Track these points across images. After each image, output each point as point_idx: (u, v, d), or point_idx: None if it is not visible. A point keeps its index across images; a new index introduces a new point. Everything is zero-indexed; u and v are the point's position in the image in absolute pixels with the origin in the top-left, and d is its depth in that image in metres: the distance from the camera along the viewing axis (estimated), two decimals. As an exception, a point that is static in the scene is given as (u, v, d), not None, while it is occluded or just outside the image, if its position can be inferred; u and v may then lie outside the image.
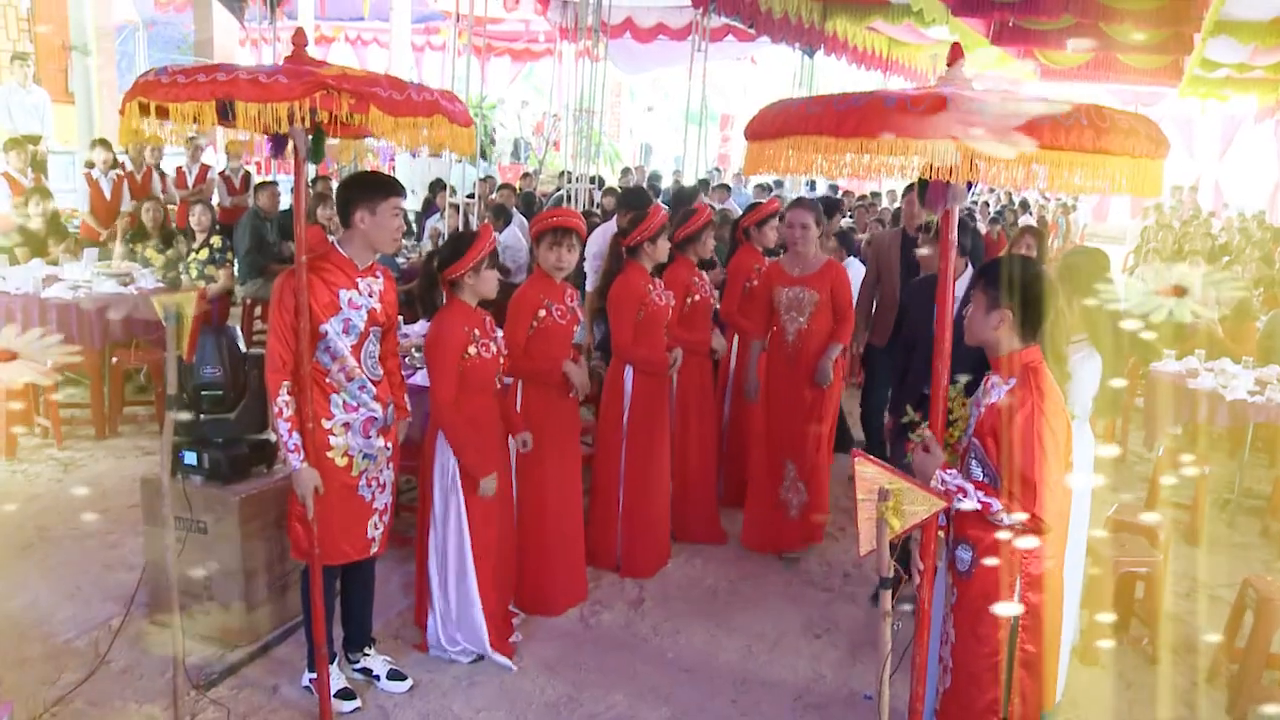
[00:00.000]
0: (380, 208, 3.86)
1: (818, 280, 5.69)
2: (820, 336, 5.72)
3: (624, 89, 28.21)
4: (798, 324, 5.71)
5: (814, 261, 5.73)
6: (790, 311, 5.73)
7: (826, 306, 5.71)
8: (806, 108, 2.85)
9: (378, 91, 3.29)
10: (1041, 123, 2.54)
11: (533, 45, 22.19)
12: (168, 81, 3.21)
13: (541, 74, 22.30)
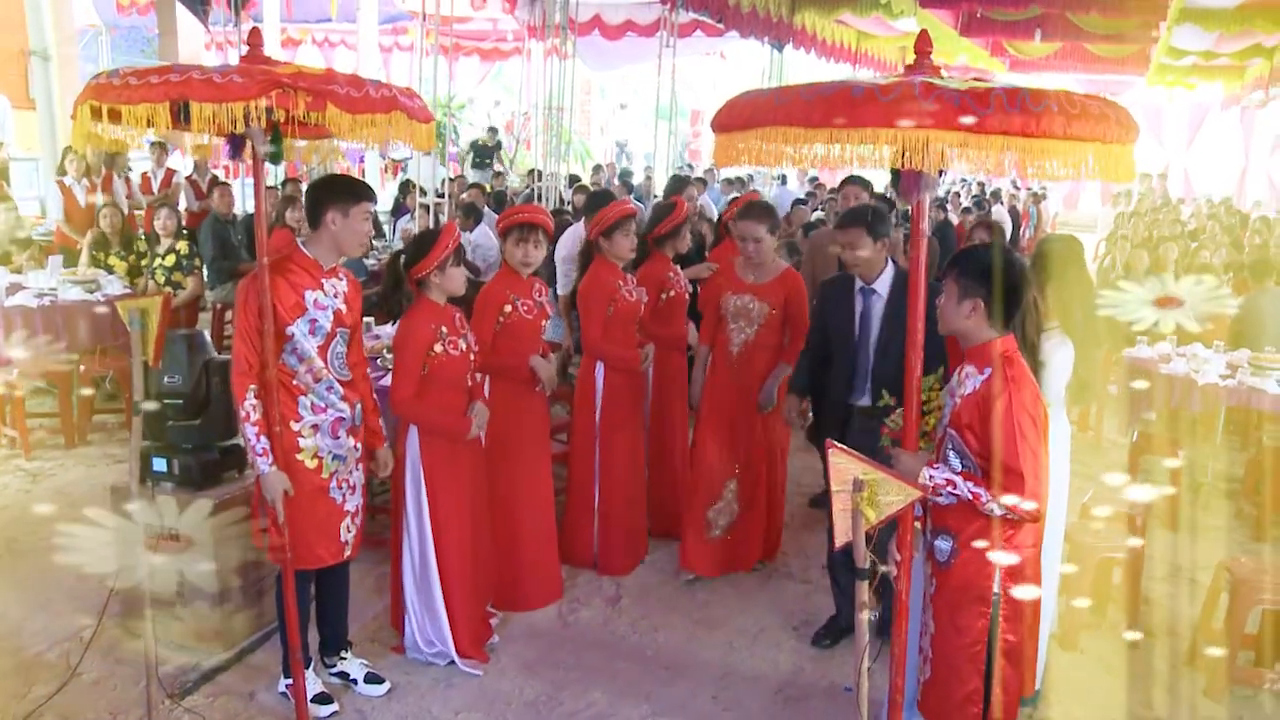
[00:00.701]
0: (353, 211, 3.84)
1: (771, 291, 5.25)
2: (768, 353, 5.32)
3: (594, 86, 28.19)
4: (744, 336, 5.30)
5: (770, 269, 5.30)
6: (737, 321, 5.30)
7: (778, 320, 5.27)
8: (774, 98, 2.84)
9: (334, 89, 3.26)
10: (1012, 110, 2.55)
11: (501, 44, 22.12)
12: (119, 83, 3.17)
13: (511, 73, 22.24)
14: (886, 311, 4.44)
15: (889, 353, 4.35)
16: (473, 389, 4.47)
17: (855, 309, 4.52)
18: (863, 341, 4.49)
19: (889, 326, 4.42)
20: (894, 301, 4.39)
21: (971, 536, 3.13)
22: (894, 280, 4.46)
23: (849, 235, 4.42)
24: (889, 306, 4.43)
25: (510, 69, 22.32)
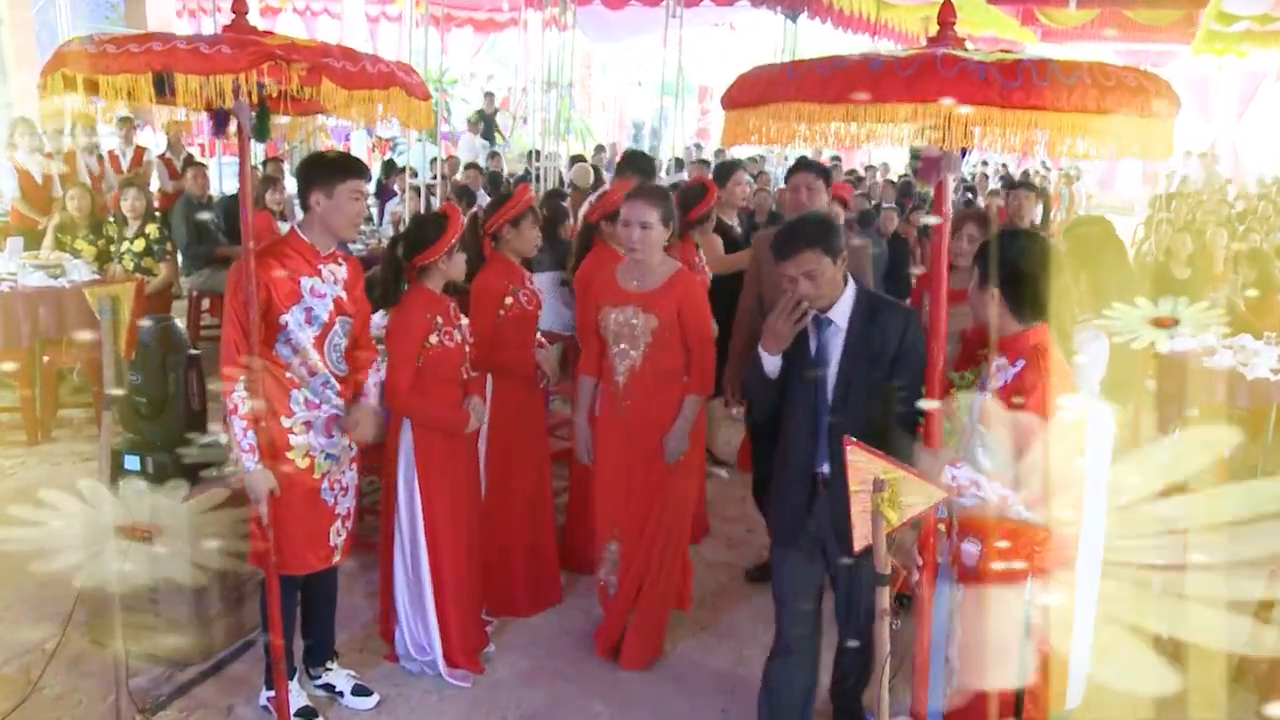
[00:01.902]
0: (337, 190, 3.83)
1: (659, 300, 4.40)
2: (663, 381, 4.46)
3: (595, 60, 28.14)
4: (629, 361, 4.45)
5: (659, 272, 4.46)
6: (620, 343, 4.46)
7: (672, 338, 4.42)
8: (788, 72, 2.85)
9: (330, 63, 3.25)
10: (1041, 83, 2.54)
11: (496, 15, 22.08)
12: (95, 51, 3.15)
13: (506, 46, 22.19)
14: (847, 348, 3.60)
15: (849, 402, 3.57)
16: (468, 384, 4.48)
17: (809, 345, 3.67)
18: (819, 388, 3.65)
19: (850, 367, 3.59)
20: (856, 334, 3.59)
21: (1001, 540, 3.13)
22: (855, 306, 3.62)
23: (802, 262, 3.48)
24: (850, 341, 3.60)
25: (506, 41, 22.28)
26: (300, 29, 21.46)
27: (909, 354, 3.53)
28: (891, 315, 3.59)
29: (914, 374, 3.44)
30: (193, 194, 9.71)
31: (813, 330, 3.66)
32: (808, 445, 3.68)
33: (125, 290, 3.84)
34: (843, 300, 3.61)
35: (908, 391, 3.42)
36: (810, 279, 3.49)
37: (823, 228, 3.55)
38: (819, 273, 3.48)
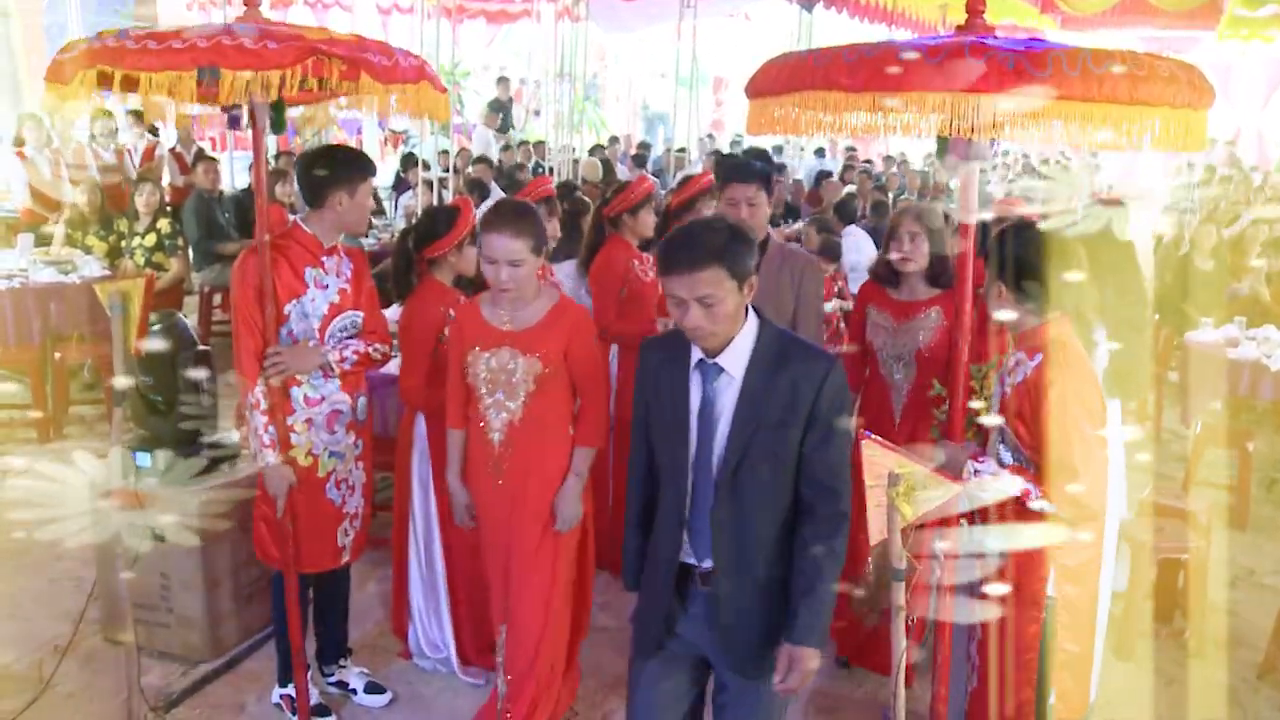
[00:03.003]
0: (360, 189, 3.86)
1: (540, 338, 3.69)
2: (548, 434, 3.78)
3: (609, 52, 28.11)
4: (506, 414, 3.73)
5: (535, 306, 3.71)
6: (494, 393, 3.73)
7: (558, 383, 3.76)
8: (813, 60, 2.83)
9: (369, 57, 3.30)
10: (1072, 72, 2.52)
11: (509, 6, 22.08)
12: (136, 48, 3.11)
13: (520, 37, 22.17)
14: (742, 405, 2.74)
15: (741, 481, 2.75)
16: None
17: (690, 398, 2.81)
18: (701, 457, 2.80)
19: (745, 432, 2.74)
20: (756, 386, 2.74)
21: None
22: (757, 348, 2.77)
23: (698, 284, 2.64)
24: (747, 396, 2.74)
25: (519, 33, 22.26)
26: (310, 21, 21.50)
27: (828, 416, 2.71)
28: (806, 362, 2.73)
29: (835, 448, 2.73)
30: (204, 188, 9.72)
31: (696, 379, 2.80)
32: (678, 532, 2.85)
33: (135, 286, 3.84)
34: (740, 340, 2.76)
35: (824, 471, 2.73)
36: (706, 306, 2.66)
37: (734, 239, 2.69)
38: (718, 299, 2.65)
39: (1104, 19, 19.48)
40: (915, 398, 4.29)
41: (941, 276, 4.26)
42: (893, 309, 4.34)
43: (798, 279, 4.39)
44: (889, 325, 4.34)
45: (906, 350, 4.29)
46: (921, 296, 4.30)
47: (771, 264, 4.29)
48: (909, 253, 4.23)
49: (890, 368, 4.35)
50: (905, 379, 4.32)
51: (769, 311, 4.04)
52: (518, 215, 3.60)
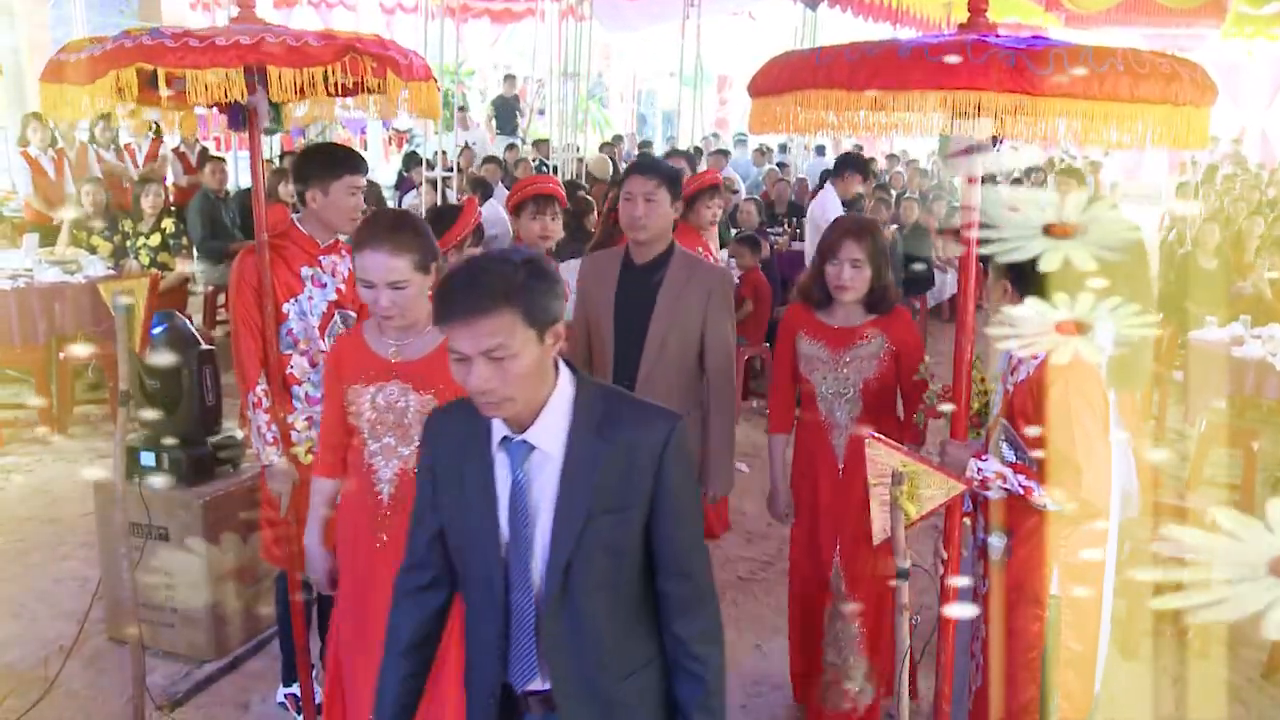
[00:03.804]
0: (333, 187, 3.80)
1: (431, 370, 3.10)
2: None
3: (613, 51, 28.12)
4: (398, 461, 3.20)
5: (429, 334, 3.10)
6: (383, 436, 3.19)
7: None
8: (816, 59, 2.83)
9: (394, 56, 3.33)
10: (1074, 69, 2.52)
11: (513, 5, 22.09)
12: (176, 46, 3.08)
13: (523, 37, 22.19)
14: (565, 488, 2.14)
15: (573, 579, 2.15)
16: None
17: (496, 488, 2.20)
18: (519, 560, 2.19)
19: (571, 520, 2.13)
20: (579, 463, 2.14)
21: (1027, 533, 3.11)
22: (576, 412, 2.17)
23: (481, 334, 2.01)
24: (570, 476, 2.14)
25: (523, 32, 22.29)
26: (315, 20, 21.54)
27: (677, 489, 2.18)
28: (642, 426, 2.18)
29: (689, 524, 2.23)
30: (210, 189, 9.74)
31: (503, 462, 2.18)
32: (497, 652, 2.24)
33: (140, 286, 3.85)
34: (553, 406, 2.14)
35: (681, 555, 2.23)
36: (494, 361, 2.01)
37: (532, 275, 2.05)
38: (510, 352, 2.01)
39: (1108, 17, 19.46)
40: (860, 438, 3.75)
41: (881, 304, 3.81)
42: (828, 337, 3.83)
43: (705, 297, 3.94)
44: (825, 356, 3.82)
45: (849, 384, 3.81)
46: (858, 321, 3.81)
47: (675, 279, 3.95)
48: (849, 281, 3.73)
49: (830, 405, 3.84)
50: (849, 417, 3.82)
51: (673, 337, 3.96)
52: (395, 228, 2.99)
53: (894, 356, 3.79)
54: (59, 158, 10.25)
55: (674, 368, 3.97)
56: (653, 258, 4.00)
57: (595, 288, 4.11)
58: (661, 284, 3.96)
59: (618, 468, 2.15)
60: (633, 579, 2.23)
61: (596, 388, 2.25)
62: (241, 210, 9.74)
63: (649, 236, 3.94)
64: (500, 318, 2.00)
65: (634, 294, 4.00)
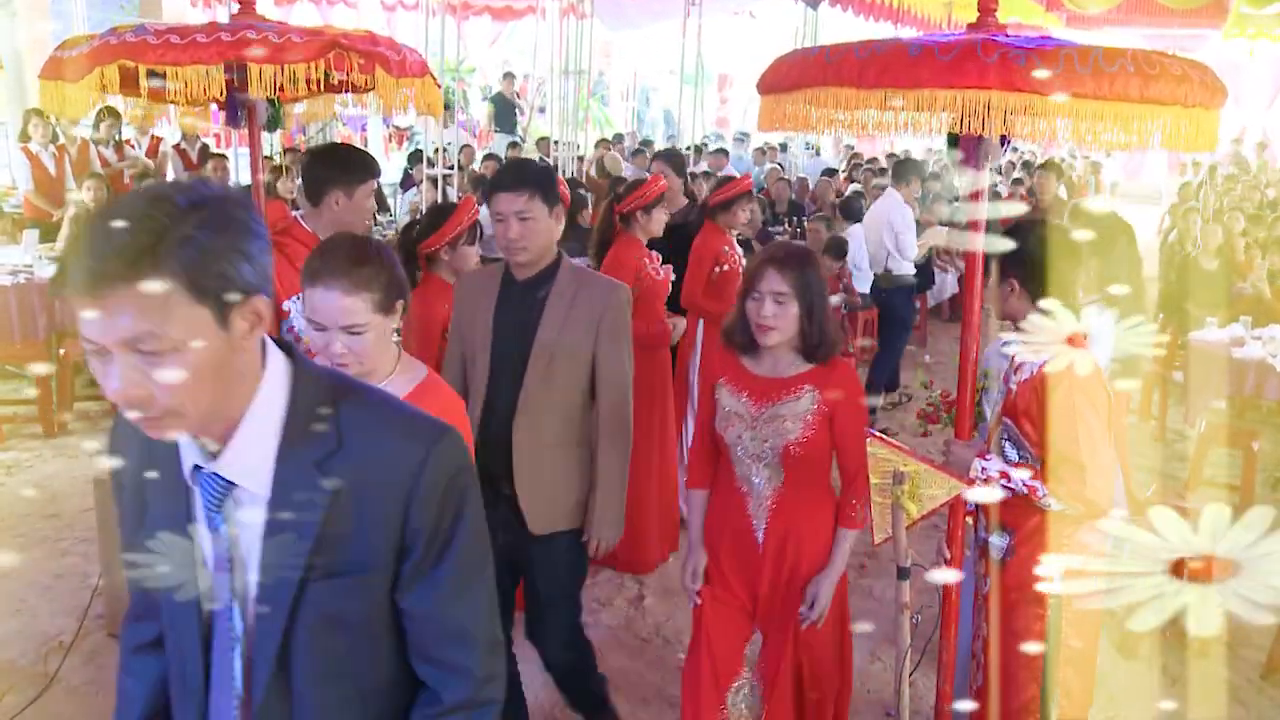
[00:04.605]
0: (358, 192, 3.86)
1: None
2: None
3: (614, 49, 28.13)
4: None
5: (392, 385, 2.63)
6: None
7: None
8: (825, 56, 2.83)
9: (383, 51, 3.34)
10: (1083, 70, 2.52)
11: (514, 3, 22.09)
12: (158, 43, 3.10)
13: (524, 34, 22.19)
14: (273, 537, 1.58)
15: (293, 658, 1.62)
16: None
17: (194, 533, 1.63)
18: (224, 629, 1.64)
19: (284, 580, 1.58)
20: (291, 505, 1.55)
21: (1030, 533, 3.11)
22: (288, 432, 1.57)
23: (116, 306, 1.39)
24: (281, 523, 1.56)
25: (524, 29, 22.29)
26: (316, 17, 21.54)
27: (442, 534, 1.61)
28: (383, 445, 1.58)
29: (460, 584, 1.65)
30: (211, 184, 9.71)
31: (202, 501, 1.57)
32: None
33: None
34: (254, 420, 1.54)
35: (449, 631, 1.66)
36: (145, 359, 1.40)
37: (200, 221, 1.40)
38: (173, 343, 1.40)
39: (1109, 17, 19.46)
40: (783, 507, 3.28)
41: (819, 349, 3.21)
42: (751, 388, 3.27)
43: (598, 316, 3.44)
44: (745, 412, 3.26)
45: (769, 447, 3.23)
46: (789, 372, 3.24)
47: (562, 296, 3.44)
48: (772, 319, 3.15)
49: (747, 469, 3.30)
50: (767, 484, 3.29)
51: (559, 361, 3.40)
52: (353, 261, 2.48)
53: (826, 419, 3.19)
54: (60, 154, 10.24)
55: (559, 397, 3.44)
56: (536, 273, 3.46)
57: (471, 308, 3.55)
58: (546, 301, 3.43)
59: (349, 509, 1.53)
60: (381, 660, 1.66)
61: (328, 387, 1.59)
62: (242, 207, 9.71)
63: (530, 258, 3.40)
64: (146, 290, 1.34)
65: (515, 313, 3.46)
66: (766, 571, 3.32)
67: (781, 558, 3.30)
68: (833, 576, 3.28)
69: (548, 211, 3.36)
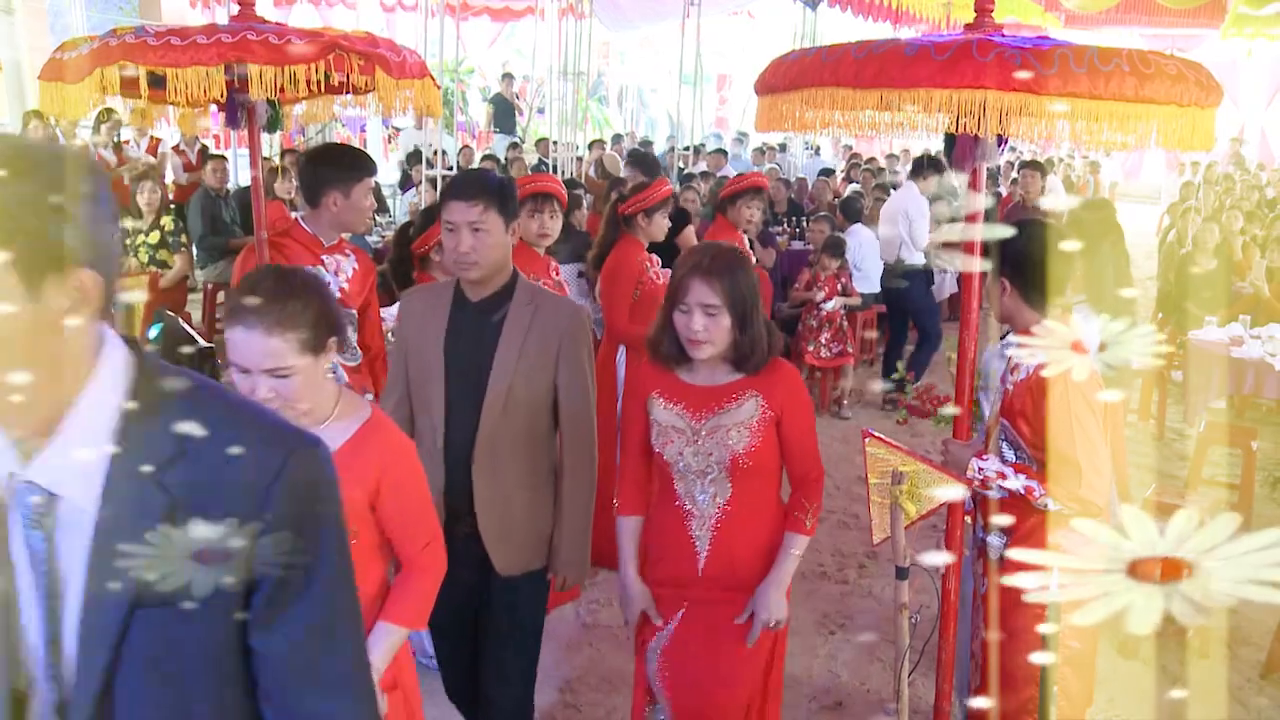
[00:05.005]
0: (355, 190, 3.88)
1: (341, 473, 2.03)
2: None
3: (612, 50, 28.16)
4: None
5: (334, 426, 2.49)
6: None
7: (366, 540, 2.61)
8: (822, 57, 2.84)
9: (383, 53, 3.35)
10: (1079, 69, 2.52)
11: (512, 3, 22.11)
12: (158, 44, 3.11)
13: (523, 35, 22.21)
14: (100, 556, 1.29)
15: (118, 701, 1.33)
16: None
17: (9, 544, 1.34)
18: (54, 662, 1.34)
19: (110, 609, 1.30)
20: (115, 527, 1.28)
21: (1027, 533, 3.11)
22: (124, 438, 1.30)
23: None
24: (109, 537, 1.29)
25: (523, 30, 22.31)
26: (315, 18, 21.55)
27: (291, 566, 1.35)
28: (231, 453, 1.33)
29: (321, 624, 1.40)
30: (211, 187, 9.73)
31: (16, 516, 1.32)
32: None
33: (139, 284, 3.86)
34: (80, 419, 1.30)
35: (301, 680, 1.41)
36: None
37: None
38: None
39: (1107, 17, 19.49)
40: (729, 524, 3.02)
41: (750, 358, 2.95)
42: (688, 399, 3.01)
43: (558, 338, 3.18)
44: (684, 425, 3.00)
45: (714, 461, 2.97)
46: (728, 378, 3.00)
47: (520, 318, 3.16)
48: (702, 333, 2.88)
49: (691, 486, 3.03)
50: (713, 502, 3.02)
51: (519, 389, 3.10)
52: (276, 297, 2.25)
53: (772, 424, 2.99)
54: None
55: (522, 428, 3.17)
56: (490, 293, 3.18)
57: (418, 332, 3.23)
58: (503, 324, 3.15)
59: (186, 523, 1.29)
60: (229, 711, 1.40)
61: (175, 389, 1.35)
62: (242, 208, 9.73)
63: (482, 274, 3.12)
64: None
65: (469, 338, 3.17)
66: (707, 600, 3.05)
67: (725, 580, 3.03)
68: (778, 584, 3.01)
69: (504, 226, 3.10)
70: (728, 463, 2.95)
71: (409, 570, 2.62)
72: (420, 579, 2.62)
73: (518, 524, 3.22)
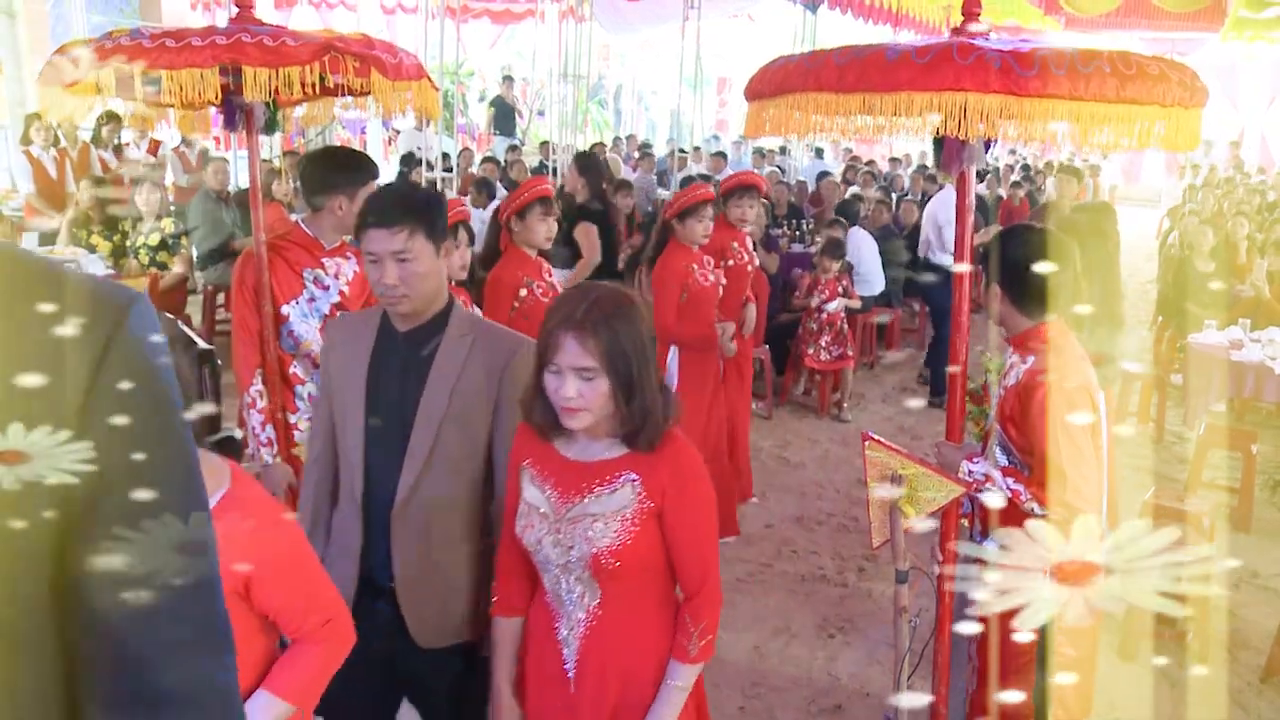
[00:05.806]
0: (360, 194, 3.85)
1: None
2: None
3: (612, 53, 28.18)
4: None
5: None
6: None
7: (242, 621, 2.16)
8: (806, 63, 2.85)
9: (379, 55, 3.35)
10: (1059, 71, 2.53)
11: (513, 6, 22.12)
12: (153, 46, 3.12)
13: (524, 37, 22.23)
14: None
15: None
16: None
17: None
18: None
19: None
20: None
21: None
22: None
23: None
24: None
25: (523, 33, 22.32)
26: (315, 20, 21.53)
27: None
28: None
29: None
30: (212, 188, 9.72)
31: None
32: None
33: (139, 285, 3.86)
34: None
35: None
36: None
37: None
38: None
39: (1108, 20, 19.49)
40: (600, 631, 2.41)
41: (641, 433, 2.32)
42: (558, 478, 2.40)
43: (498, 375, 2.72)
44: (549, 508, 2.39)
45: (575, 556, 2.35)
46: (606, 454, 2.38)
47: (453, 351, 2.72)
48: (575, 399, 2.25)
49: (556, 581, 2.43)
50: (580, 603, 2.42)
51: (450, 434, 2.67)
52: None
53: (652, 517, 2.34)
54: (61, 157, 10.27)
55: (451, 478, 2.72)
56: (421, 324, 2.75)
57: (340, 365, 2.82)
58: (434, 358, 2.72)
59: None
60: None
61: None
62: (242, 210, 9.72)
63: (413, 308, 2.69)
64: None
65: (393, 375, 2.75)
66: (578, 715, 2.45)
67: (601, 702, 2.42)
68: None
69: (433, 250, 2.67)
70: (588, 561, 2.33)
71: (300, 643, 2.26)
72: (310, 652, 2.24)
73: (443, 590, 2.76)
